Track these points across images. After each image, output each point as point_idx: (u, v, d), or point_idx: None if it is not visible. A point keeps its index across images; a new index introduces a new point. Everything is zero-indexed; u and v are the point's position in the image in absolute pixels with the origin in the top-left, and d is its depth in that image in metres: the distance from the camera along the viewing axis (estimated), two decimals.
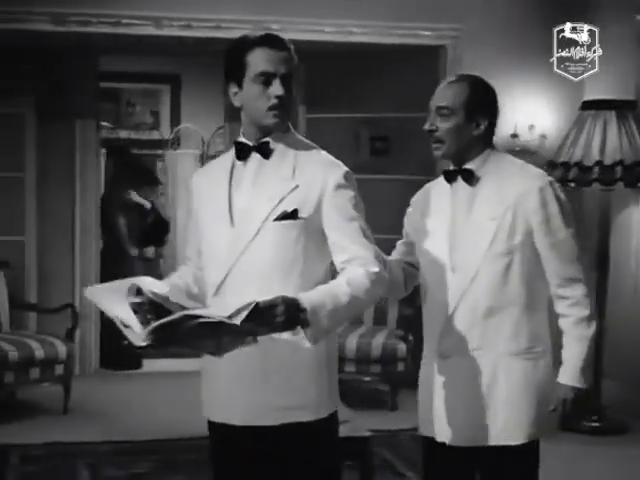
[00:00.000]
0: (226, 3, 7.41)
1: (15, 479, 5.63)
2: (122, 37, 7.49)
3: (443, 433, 3.35)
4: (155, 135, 10.97)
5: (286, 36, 6.85)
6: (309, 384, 3.05)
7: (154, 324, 2.72)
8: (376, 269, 2.97)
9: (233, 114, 8.61)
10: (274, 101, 3.03)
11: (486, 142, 3.36)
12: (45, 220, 8.21)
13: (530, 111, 7.70)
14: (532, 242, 3.27)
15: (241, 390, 3.07)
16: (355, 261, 2.98)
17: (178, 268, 3.41)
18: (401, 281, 3.51)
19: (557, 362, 3.36)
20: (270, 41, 3.06)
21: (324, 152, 3.16)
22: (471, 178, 3.33)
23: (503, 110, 7.36)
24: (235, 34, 7.48)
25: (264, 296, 2.77)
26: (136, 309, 2.81)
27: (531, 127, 7.69)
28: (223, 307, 2.73)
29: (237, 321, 2.62)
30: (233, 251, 3.05)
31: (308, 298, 2.80)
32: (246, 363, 2.99)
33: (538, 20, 7.55)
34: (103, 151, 9.68)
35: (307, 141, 3.20)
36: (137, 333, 2.76)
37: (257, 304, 2.68)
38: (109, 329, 4.81)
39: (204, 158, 10.44)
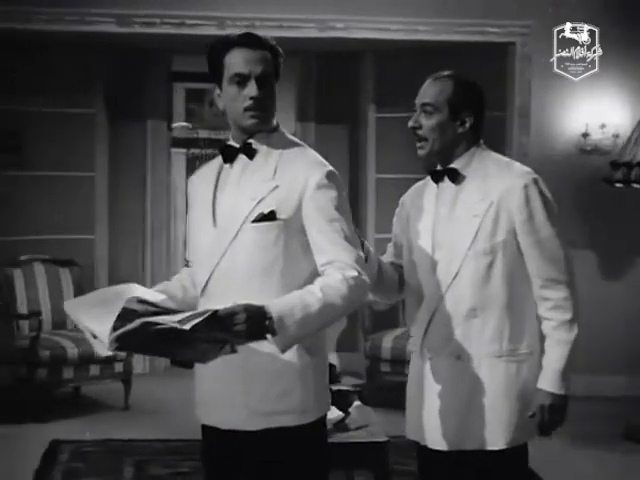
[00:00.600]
0: (290, 2, 7.40)
1: (60, 475, 5.69)
2: (198, 38, 7.53)
3: (427, 436, 3.27)
4: None
5: (351, 35, 6.86)
6: (293, 389, 2.99)
7: (115, 333, 2.70)
8: (354, 273, 2.89)
9: (303, 114, 8.62)
10: (249, 102, 2.99)
11: (472, 140, 3.29)
12: (116, 219, 8.32)
13: (602, 109, 7.48)
14: (515, 241, 3.18)
15: (225, 394, 3.04)
16: (334, 264, 2.91)
17: (181, 270, 3.41)
18: (395, 283, 3.43)
19: None
20: (247, 41, 3.02)
21: (311, 151, 3.11)
22: (457, 177, 3.25)
23: (573, 108, 7.42)
24: (299, 33, 7.55)
25: (246, 297, 2.78)
26: (123, 315, 2.77)
27: (602, 126, 7.46)
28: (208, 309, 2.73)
29: (187, 327, 2.60)
30: (215, 252, 3.03)
31: (276, 306, 2.76)
32: (230, 368, 2.95)
33: (609, 16, 7.33)
34: (182, 150, 9.77)
35: (295, 140, 3.16)
36: (103, 343, 2.76)
37: (215, 312, 2.66)
38: None
39: None
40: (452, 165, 3.26)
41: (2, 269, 7.38)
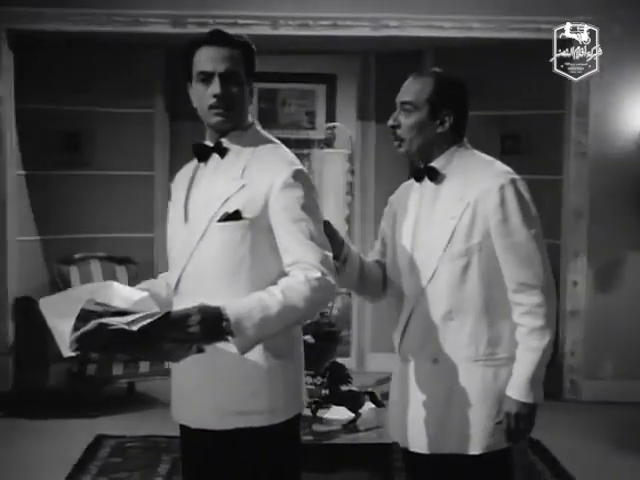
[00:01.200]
0: (343, 1, 7.36)
1: (97, 469, 5.77)
2: (252, 38, 7.54)
3: (409, 439, 3.24)
4: (307, 135, 11.01)
5: (404, 33, 6.75)
6: (261, 389, 2.99)
7: (73, 335, 2.73)
8: (317, 274, 2.87)
9: (363, 113, 8.59)
10: (212, 100, 3.01)
11: (452, 139, 3.22)
12: None
13: None
14: (492, 243, 3.09)
15: (195, 394, 3.07)
16: (298, 265, 2.90)
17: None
18: (379, 282, 3.38)
19: None
20: (213, 39, 3.05)
21: (283, 150, 3.09)
22: (436, 176, 3.19)
23: (632, 106, 7.22)
24: (352, 32, 7.50)
25: (214, 296, 2.83)
26: (82, 316, 2.78)
27: None
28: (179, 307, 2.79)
29: (134, 328, 2.62)
30: (186, 250, 3.05)
31: (233, 308, 2.76)
32: (199, 368, 2.97)
33: None
34: None
35: (269, 138, 3.14)
36: (66, 343, 2.78)
37: (168, 313, 2.68)
38: None
39: (353, 158, 10.40)
40: (431, 164, 3.21)
41: (58, 266, 7.50)
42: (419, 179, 3.25)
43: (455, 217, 3.11)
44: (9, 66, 7.41)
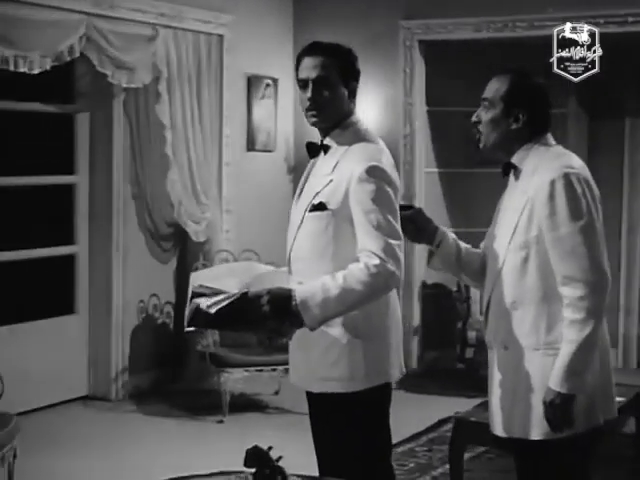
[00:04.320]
0: None
1: (426, 439, 6.30)
2: None
3: (492, 422, 3.45)
4: None
5: None
6: (341, 359, 3.39)
7: (186, 313, 3.38)
8: (376, 261, 3.22)
9: None
10: (307, 103, 3.43)
11: (529, 135, 3.36)
12: None
13: None
14: None
15: (296, 359, 3.57)
16: (362, 252, 3.28)
17: None
18: (476, 269, 3.57)
19: None
20: (309, 49, 3.47)
21: (371, 147, 3.41)
22: (514, 171, 3.38)
23: None
24: None
25: (305, 277, 3.36)
26: (193, 297, 3.35)
27: None
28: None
29: (212, 310, 3.22)
30: (291, 235, 3.53)
31: (300, 290, 3.25)
32: (298, 338, 3.45)
33: None
34: None
35: (364, 136, 3.45)
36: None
37: (244, 294, 3.25)
38: None
39: None
40: (511, 159, 3.39)
41: None
42: (504, 174, 3.44)
43: (518, 210, 3.28)
44: (421, 73, 8.20)
